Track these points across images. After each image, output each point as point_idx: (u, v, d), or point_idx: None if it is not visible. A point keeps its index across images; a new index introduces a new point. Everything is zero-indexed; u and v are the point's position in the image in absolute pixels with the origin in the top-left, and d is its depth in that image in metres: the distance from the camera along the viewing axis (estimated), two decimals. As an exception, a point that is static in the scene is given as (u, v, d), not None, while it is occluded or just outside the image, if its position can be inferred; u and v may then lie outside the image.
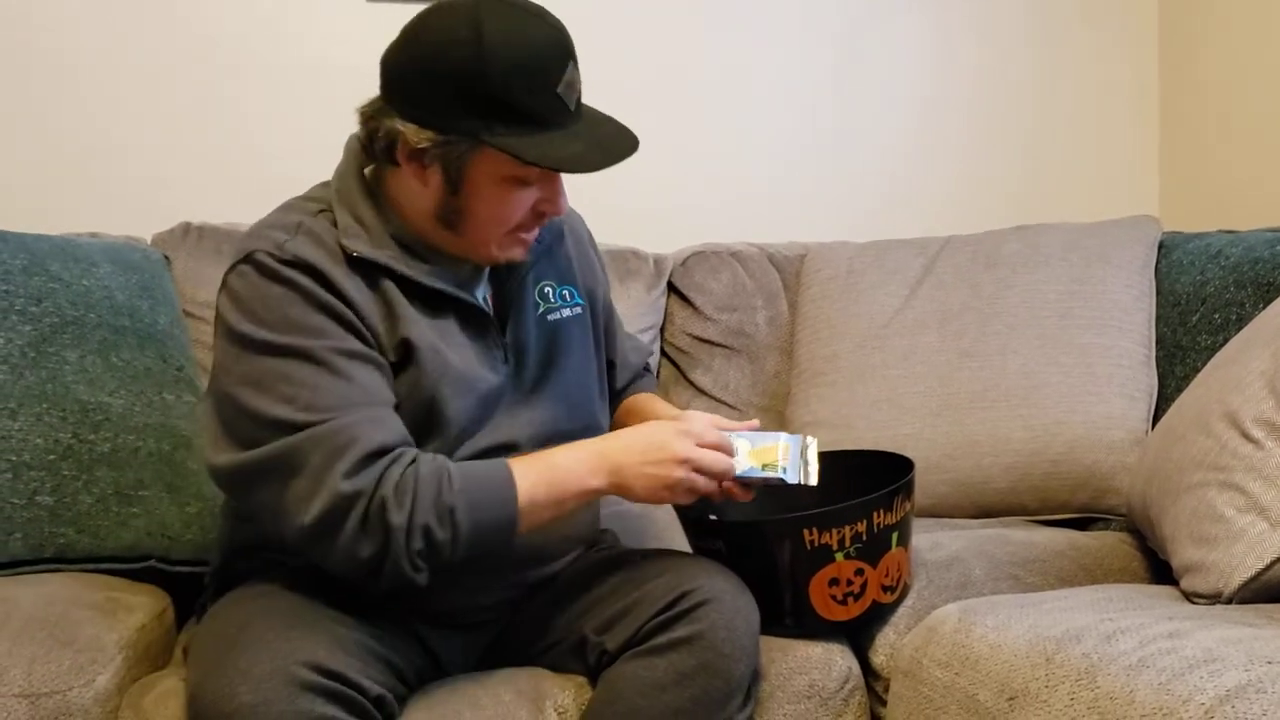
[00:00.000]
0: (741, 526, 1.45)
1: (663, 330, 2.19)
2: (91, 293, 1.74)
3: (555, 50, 1.29)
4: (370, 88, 2.17)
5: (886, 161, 2.53)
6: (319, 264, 1.30)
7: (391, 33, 1.38)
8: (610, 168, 1.31)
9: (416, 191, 1.35)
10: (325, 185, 1.44)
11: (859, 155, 2.52)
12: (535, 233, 1.40)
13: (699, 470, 1.33)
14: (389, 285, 1.34)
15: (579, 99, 1.33)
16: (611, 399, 1.63)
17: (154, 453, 1.69)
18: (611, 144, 1.33)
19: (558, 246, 1.52)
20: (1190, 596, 1.44)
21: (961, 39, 2.56)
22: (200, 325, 1.94)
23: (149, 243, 2.00)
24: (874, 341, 2.03)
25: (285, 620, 1.24)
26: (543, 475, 1.30)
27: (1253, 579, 1.37)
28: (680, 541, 1.55)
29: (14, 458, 1.61)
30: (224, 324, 1.31)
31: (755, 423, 1.45)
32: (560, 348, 1.47)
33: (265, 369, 1.26)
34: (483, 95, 1.27)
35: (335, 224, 1.35)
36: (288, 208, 1.41)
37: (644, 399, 1.65)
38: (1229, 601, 1.39)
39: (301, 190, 1.48)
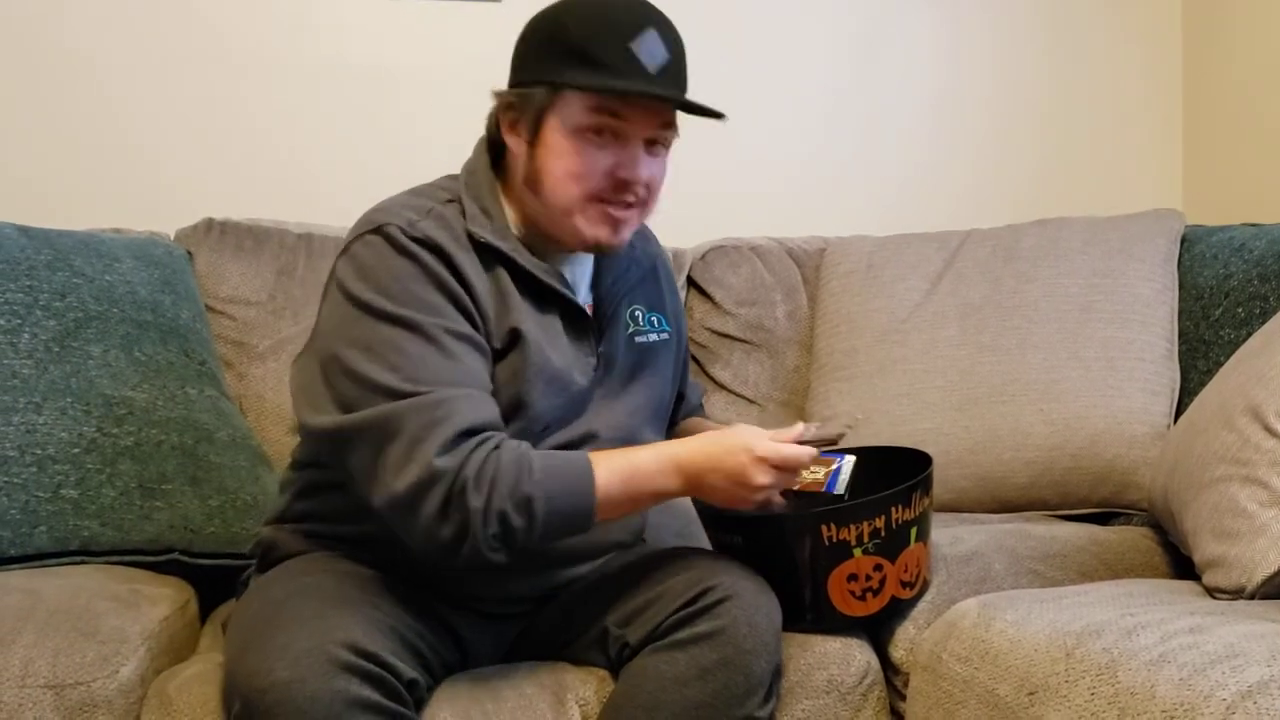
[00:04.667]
0: (760, 522, 1.45)
1: (682, 325, 2.19)
2: (115, 288, 1.75)
3: (630, 11, 1.38)
4: (390, 86, 2.18)
5: (906, 155, 2.52)
6: (445, 245, 1.35)
7: (411, 31, 1.39)
8: (675, 111, 1.39)
9: (516, 161, 1.42)
10: (453, 178, 1.47)
11: (879, 149, 2.51)
12: (628, 216, 1.41)
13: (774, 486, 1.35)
14: (504, 274, 1.39)
15: (664, 68, 1.38)
16: (671, 426, 1.67)
17: (177, 446, 1.70)
18: (670, 93, 1.38)
19: (651, 276, 1.58)
20: (1212, 592, 1.43)
21: (981, 31, 2.54)
22: (222, 320, 1.95)
23: (171, 238, 2.01)
24: (894, 336, 2.02)
25: (324, 600, 1.26)
26: (621, 473, 1.31)
27: (1276, 574, 1.36)
28: (702, 537, 1.55)
29: (39, 451, 1.62)
30: (343, 289, 1.33)
31: (799, 428, 1.46)
32: (644, 367, 1.52)
33: (379, 336, 1.29)
34: (561, 45, 1.37)
35: (464, 213, 1.40)
36: (417, 193, 1.44)
37: (695, 421, 1.69)
38: (1252, 597, 1.38)
39: (316, 188, 1.49)
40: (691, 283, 2.20)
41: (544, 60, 1.38)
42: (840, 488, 1.42)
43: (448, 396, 1.27)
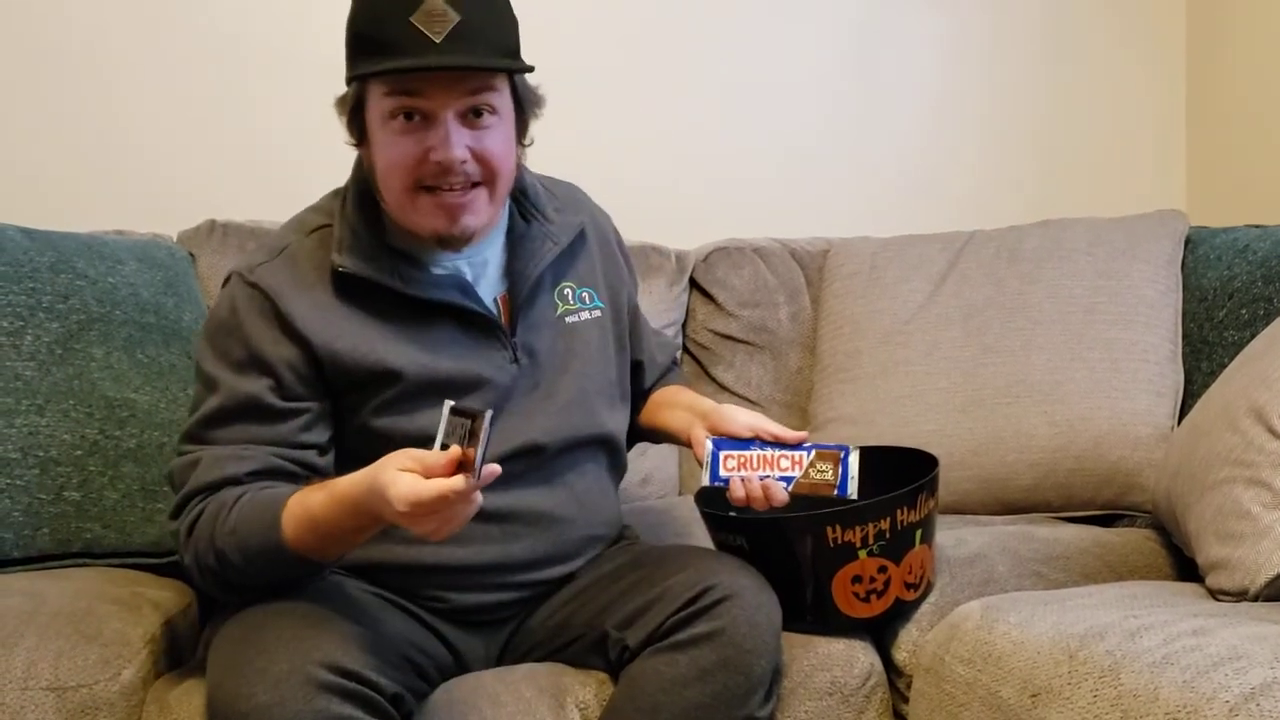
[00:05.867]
0: (764, 523, 1.45)
1: (685, 327, 2.18)
2: (117, 290, 1.76)
3: None
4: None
5: (909, 156, 2.52)
6: (278, 292, 1.35)
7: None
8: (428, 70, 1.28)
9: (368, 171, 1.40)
10: (337, 193, 1.45)
11: (882, 149, 2.51)
12: (466, 200, 1.34)
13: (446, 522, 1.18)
14: (376, 300, 1.37)
15: (454, 34, 1.28)
16: (641, 397, 1.63)
17: (179, 449, 1.70)
18: (444, 61, 1.28)
19: (579, 247, 1.52)
20: (1216, 594, 1.43)
21: (984, 31, 2.54)
22: (225, 322, 1.95)
23: (174, 240, 2.01)
24: (898, 337, 2.02)
25: (303, 619, 1.25)
26: (309, 521, 1.25)
27: (1279, 576, 1.36)
28: (702, 537, 1.55)
29: (41, 453, 1.62)
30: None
31: (804, 435, 1.45)
32: (576, 351, 1.47)
33: (195, 391, 1.40)
34: (352, 35, 1.34)
35: (336, 236, 1.37)
36: (292, 223, 1.45)
37: (672, 391, 1.64)
38: (1255, 599, 1.38)
39: (319, 190, 1.49)
40: (694, 284, 2.19)
41: (348, 56, 1.35)
42: (852, 490, 1.40)
43: (200, 458, 1.33)
